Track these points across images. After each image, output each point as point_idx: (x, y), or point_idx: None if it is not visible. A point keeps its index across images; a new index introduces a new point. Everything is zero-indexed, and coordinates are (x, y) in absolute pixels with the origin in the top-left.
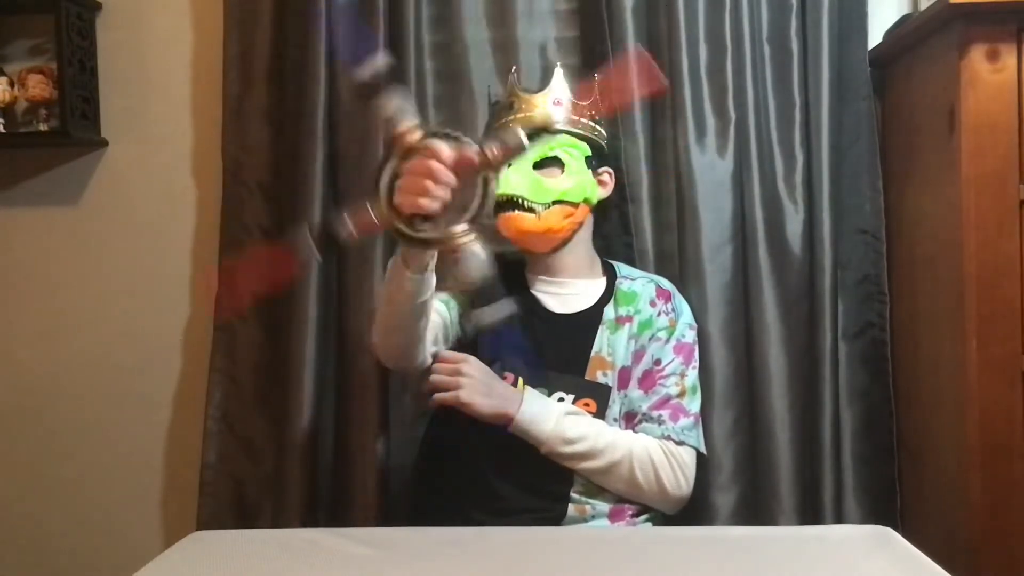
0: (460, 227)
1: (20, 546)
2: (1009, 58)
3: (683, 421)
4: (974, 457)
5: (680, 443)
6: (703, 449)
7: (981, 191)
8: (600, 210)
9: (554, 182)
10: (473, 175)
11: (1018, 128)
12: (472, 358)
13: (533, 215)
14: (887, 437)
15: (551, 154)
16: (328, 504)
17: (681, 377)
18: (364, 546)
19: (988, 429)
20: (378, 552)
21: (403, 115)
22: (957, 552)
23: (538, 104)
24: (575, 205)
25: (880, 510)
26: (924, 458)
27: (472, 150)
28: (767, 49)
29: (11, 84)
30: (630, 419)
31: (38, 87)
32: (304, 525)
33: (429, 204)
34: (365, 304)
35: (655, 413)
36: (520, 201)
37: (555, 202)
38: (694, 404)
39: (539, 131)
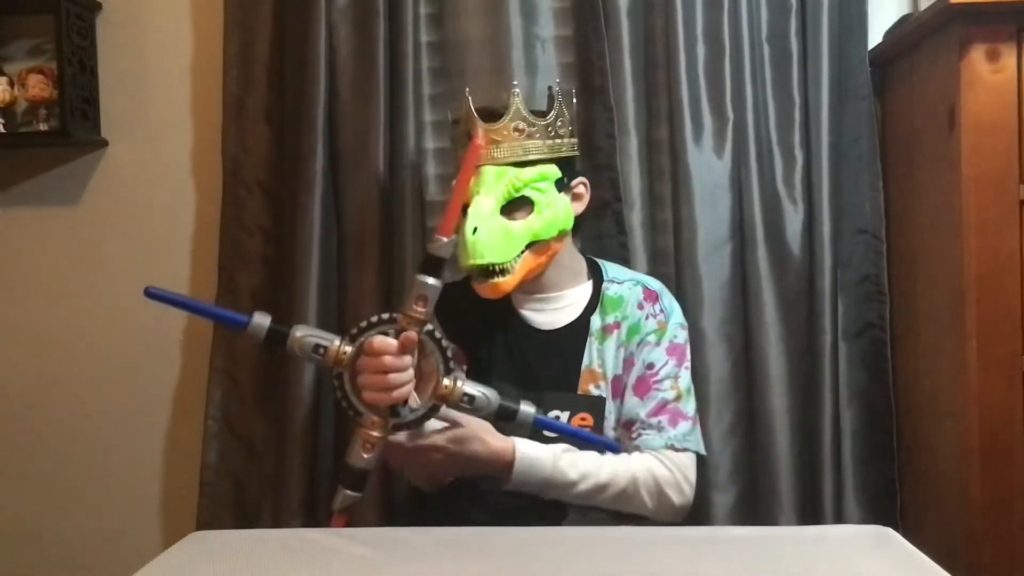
0: (375, 418)
1: (20, 546)
2: (1009, 58)
3: (682, 426)
4: (974, 457)
5: (682, 449)
6: (703, 451)
7: (981, 191)
8: (593, 211)
9: (523, 225)
10: (425, 353)
11: (1018, 128)
12: (435, 441)
13: (507, 276)
14: (887, 437)
15: (518, 195)
16: (328, 504)
17: (675, 380)
18: (364, 546)
19: (988, 429)
20: (378, 552)
21: (429, 307)
22: (957, 552)
23: (498, 137)
24: (548, 241)
25: (880, 510)
26: (924, 458)
27: (443, 381)
28: (766, 49)
29: (11, 84)
30: (628, 427)
31: (38, 87)
32: (304, 525)
33: (400, 394)
34: (365, 304)
35: (654, 420)
36: (492, 268)
37: (528, 245)
38: (690, 406)
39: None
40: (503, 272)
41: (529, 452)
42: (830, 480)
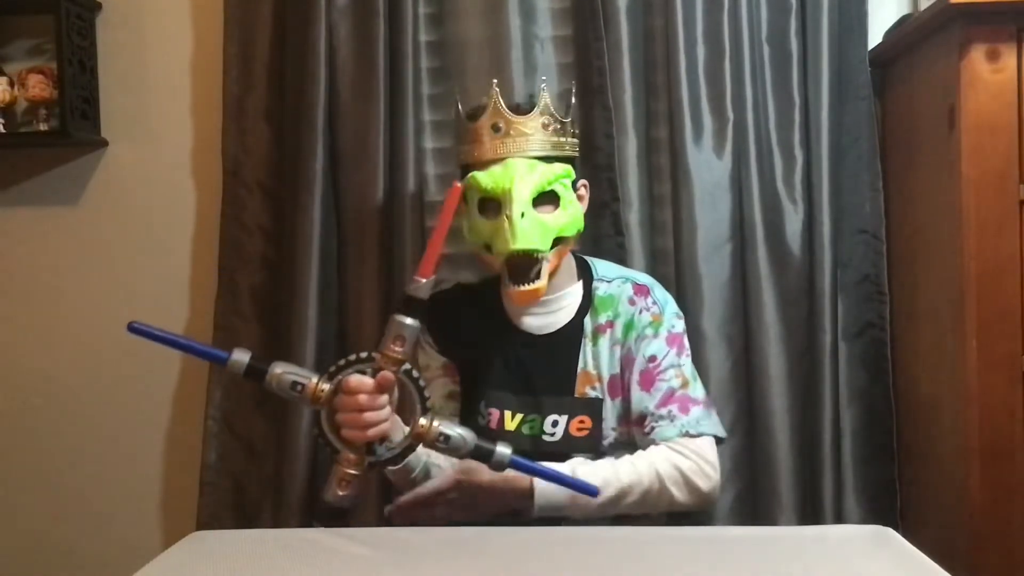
0: (352, 456)
1: (20, 546)
2: (1009, 58)
3: (694, 411)
4: (974, 457)
5: (697, 435)
6: (722, 433)
7: (981, 191)
8: (591, 211)
9: (552, 219)
10: (402, 396)
11: (1018, 128)
12: (444, 482)
13: (541, 280)
14: (887, 437)
15: (549, 189)
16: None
17: (679, 368)
18: (364, 546)
19: (988, 429)
20: (378, 552)
21: (407, 347)
22: (957, 552)
23: (528, 130)
24: (568, 241)
25: (880, 510)
26: (924, 458)
27: (420, 420)
28: (766, 49)
29: (11, 84)
30: (640, 422)
31: (38, 87)
32: (304, 525)
33: (375, 432)
34: (365, 304)
35: (664, 410)
36: (535, 255)
37: (555, 241)
38: (699, 390)
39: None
40: (538, 262)
41: (542, 490)
42: (830, 480)
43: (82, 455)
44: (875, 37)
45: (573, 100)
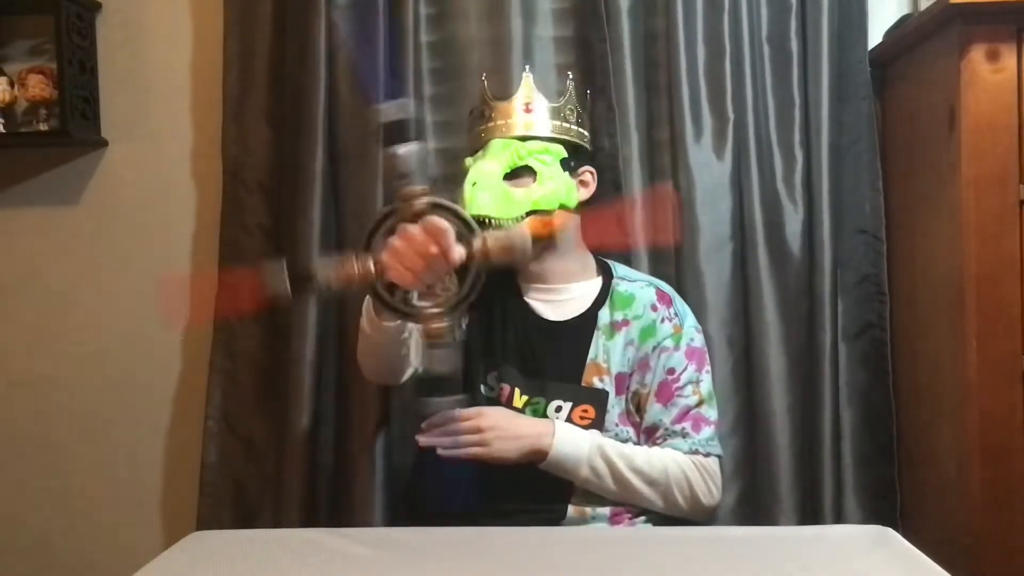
0: (434, 310)
1: (20, 546)
2: (1009, 58)
3: (706, 431)
4: (974, 457)
5: (707, 454)
6: (722, 455)
7: (981, 191)
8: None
9: (525, 192)
10: (464, 267)
11: (1018, 128)
12: (487, 409)
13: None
14: (887, 437)
15: (521, 163)
16: (328, 504)
17: (697, 384)
18: (364, 546)
19: (988, 429)
20: (378, 552)
21: (417, 176)
22: (957, 552)
23: (510, 112)
24: (550, 213)
25: (880, 510)
26: (924, 458)
27: (473, 242)
28: (766, 49)
29: (11, 84)
30: (651, 434)
31: (38, 87)
32: (304, 525)
33: (413, 283)
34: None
35: (678, 427)
36: (488, 221)
37: (528, 213)
38: (713, 411)
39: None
40: (500, 229)
41: (569, 429)
42: (830, 480)
43: (82, 455)
44: (875, 37)
45: (570, 88)
